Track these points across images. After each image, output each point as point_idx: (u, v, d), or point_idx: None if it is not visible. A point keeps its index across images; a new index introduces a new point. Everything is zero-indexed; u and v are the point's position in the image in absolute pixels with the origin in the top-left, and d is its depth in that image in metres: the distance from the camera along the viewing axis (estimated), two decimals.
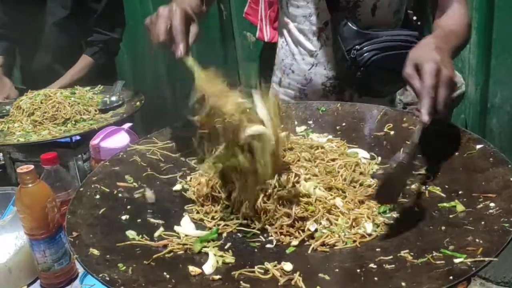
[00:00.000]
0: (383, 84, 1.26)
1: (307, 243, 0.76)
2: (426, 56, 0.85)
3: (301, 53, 1.32)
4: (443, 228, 0.73)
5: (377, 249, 0.72)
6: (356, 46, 1.18)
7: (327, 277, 0.66)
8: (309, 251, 0.74)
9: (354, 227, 0.78)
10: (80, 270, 1.05)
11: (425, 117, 0.79)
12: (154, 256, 0.73)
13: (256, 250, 0.76)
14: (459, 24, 1.11)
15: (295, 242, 0.76)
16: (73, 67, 1.96)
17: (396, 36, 1.20)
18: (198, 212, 0.87)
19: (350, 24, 1.19)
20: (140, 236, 0.79)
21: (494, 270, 2.18)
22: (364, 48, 1.18)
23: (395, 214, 0.80)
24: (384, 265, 0.67)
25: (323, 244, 0.75)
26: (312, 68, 1.30)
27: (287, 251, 0.75)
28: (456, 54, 0.98)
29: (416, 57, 0.86)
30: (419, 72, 0.83)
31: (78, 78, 1.91)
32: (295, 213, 0.78)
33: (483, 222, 0.71)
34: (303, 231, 0.77)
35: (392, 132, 1.05)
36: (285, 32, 1.36)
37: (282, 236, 0.77)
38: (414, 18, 1.29)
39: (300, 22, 1.29)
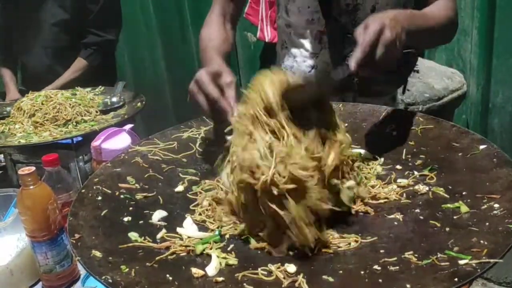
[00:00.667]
0: (382, 86, 1.26)
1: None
2: (376, 19, 0.89)
3: (301, 55, 1.32)
4: (447, 229, 0.73)
5: (381, 251, 0.72)
6: (351, 53, 1.18)
7: (330, 279, 0.66)
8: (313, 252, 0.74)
9: None
10: (82, 272, 1.05)
11: (352, 65, 0.84)
12: (156, 258, 0.72)
13: (259, 251, 0.76)
14: (434, 13, 1.10)
15: None
16: (68, 70, 1.96)
17: None
18: (200, 214, 0.87)
19: (347, 34, 1.19)
20: (143, 237, 0.78)
21: (496, 271, 2.18)
22: None
23: (398, 216, 0.80)
24: (388, 266, 0.67)
25: (326, 246, 0.74)
26: (313, 70, 1.30)
27: (291, 253, 0.74)
28: (417, 35, 0.99)
29: (369, 19, 0.90)
30: (366, 30, 0.87)
31: (71, 80, 1.91)
32: None
33: (487, 223, 0.70)
34: None
35: (394, 133, 1.04)
36: (285, 34, 1.35)
37: None
38: None
39: (301, 26, 1.29)
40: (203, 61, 1.14)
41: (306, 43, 1.30)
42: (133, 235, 0.78)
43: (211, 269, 0.70)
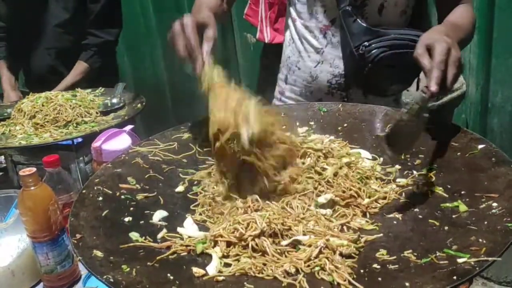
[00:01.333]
0: (390, 83, 1.26)
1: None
2: (437, 38, 0.90)
3: (307, 51, 1.32)
4: (446, 228, 0.73)
5: (380, 250, 0.72)
6: (365, 43, 1.18)
7: (330, 278, 0.66)
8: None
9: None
10: (83, 272, 1.05)
11: (434, 87, 0.83)
12: (157, 258, 0.73)
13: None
14: (464, 22, 1.15)
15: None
16: (70, 73, 1.96)
17: (405, 35, 1.20)
18: (201, 214, 0.87)
19: (359, 21, 1.19)
20: (143, 237, 0.79)
21: (496, 270, 2.18)
22: (373, 45, 1.18)
23: (398, 215, 0.80)
24: (387, 265, 0.67)
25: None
26: (318, 65, 1.30)
27: None
28: (460, 46, 0.99)
29: (427, 39, 0.91)
30: (430, 52, 0.88)
31: (73, 83, 1.91)
32: None
33: (486, 222, 0.71)
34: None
35: None
36: (291, 29, 1.36)
37: None
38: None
39: (306, 19, 1.30)
40: (194, 10, 1.13)
41: (312, 38, 1.30)
42: (134, 235, 0.79)
43: (212, 269, 0.71)
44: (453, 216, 0.76)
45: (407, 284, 0.62)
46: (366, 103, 1.15)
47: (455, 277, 0.60)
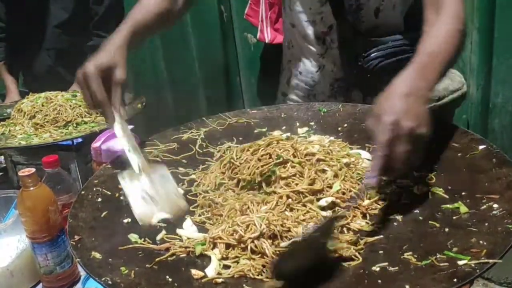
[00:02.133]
0: None
1: None
2: (386, 106, 0.76)
3: (307, 56, 1.31)
4: (446, 229, 0.73)
5: (380, 251, 0.72)
6: (363, 54, 1.18)
7: (330, 280, 0.66)
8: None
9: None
10: (82, 273, 1.05)
11: (368, 180, 0.73)
12: (156, 260, 0.73)
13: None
14: (448, 36, 0.92)
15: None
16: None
17: (402, 40, 1.20)
18: (200, 215, 0.87)
19: (355, 32, 1.19)
20: (142, 239, 0.78)
21: (496, 271, 2.17)
22: (372, 55, 1.18)
23: (398, 216, 0.80)
24: (387, 267, 0.67)
25: None
26: (319, 70, 1.30)
27: None
28: (444, 73, 0.88)
29: (378, 107, 0.78)
30: (378, 126, 0.75)
31: None
32: None
33: (486, 224, 0.71)
34: None
35: None
36: (290, 35, 1.35)
37: None
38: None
39: (304, 27, 1.29)
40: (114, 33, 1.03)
41: (310, 44, 1.30)
42: (133, 236, 0.79)
43: (211, 271, 0.70)
44: (454, 217, 0.75)
45: (407, 286, 0.61)
46: (369, 103, 1.15)
47: (455, 280, 0.60)
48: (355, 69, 1.21)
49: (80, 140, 1.40)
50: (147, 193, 0.86)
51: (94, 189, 0.90)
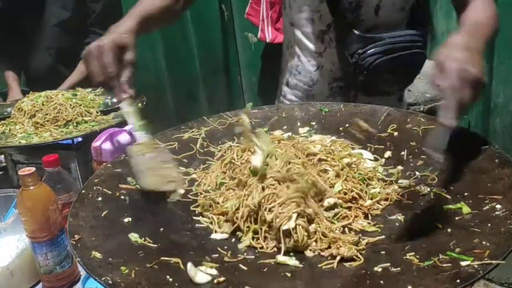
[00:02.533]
0: (389, 85, 1.25)
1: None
2: (450, 55, 0.81)
3: (306, 55, 1.31)
4: (449, 230, 0.72)
5: (382, 252, 0.71)
6: (359, 51, 1.17)
7: (332, 280, 0.66)
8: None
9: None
10: (82, 273, 1.04)
11: (450, 122, 0.75)
12: (157, 260, 0.72)
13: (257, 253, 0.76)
14: (485, 16, 1.06)
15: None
16: (74, 72, 1.95)
17: (400, 37, 1.19)
18: (203, 215, 0.86)
19: (353, 30, 1.18)
20: (143, 238, 0.78)
21: (498, 271, 2.16)
22: (367, 52, 1.17)
23: (400, 217, 0.80)
24: (389, 268, 0.66)
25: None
26: (318, 69, 1.29)
27: (291, 254, 0.74)
28: (485, 47, 0.93)
29: (440, 57, 0.82)
30: (443, 73, 0.79)
31: (77, 82, 1.90)
32: None
33: (489, 224, 0.70)
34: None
35: (396, 133, 1.04)
36: (289, 34, 1.35)
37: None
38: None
39: (303, 25, 1.28)
40: (119, 23, 1.04)
41: (309, 43, 1.29)
42: (133, 236, 0.78)
43: (212, 270, 0.70)
44: (456, 218, 0.75)
45: (409, 287, 0.61)
46: (369, 103, 1.15)
47: (458, 280, 0.59)
48: (352, 67, 1.20)
49: (80, 139, 1.39)
50: (148, 166, 0.92)
51: (95, 188, 0.89)
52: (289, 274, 0.69)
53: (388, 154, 1.00)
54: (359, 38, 1.19)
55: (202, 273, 0.68)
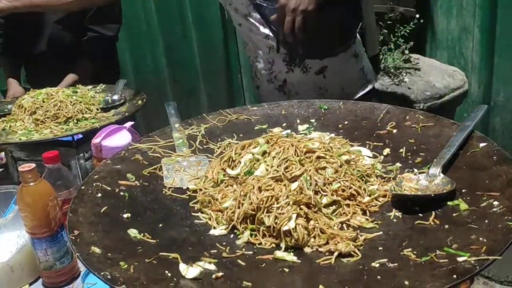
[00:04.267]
0: (319, 46, 1.34)
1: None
2: None
3: (258, 46, 1.43)
4: (446, 226, 0.73)
5: (379, 248, 0.72)
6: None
7: (329, 276, 0.66)
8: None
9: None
10: (82, 269, 1.05)
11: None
12: (155, 255, 0.72)
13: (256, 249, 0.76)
14: None
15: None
16: (71, 72, 1.96)
17: None
18: (202, 211, 0.87)
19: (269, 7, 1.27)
20: (142, 234, 0.78)
21: (497, 269, 2.17)
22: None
23: (398, 213, 0.80)
24: (387, 263, 0.67)
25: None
26: (270, 51, 1.41)
27: (289, 250, 0.75)
28: None
29: None
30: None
31: (76, 79, 1.90)
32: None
33: (486, 221, 0.70)
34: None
35: (395, 131, 1.04)
36: (241, 35, 1.52)
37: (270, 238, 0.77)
38: None
39: (248, 11, 1.40)
40: None
41: (256, 27, 1.39)
42: (132, 231, 0.79)
43: (211, 265, 0.70)
44: (454, 214, 0.75)
45: (406, 282, 0.61)
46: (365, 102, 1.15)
47: (455, 276, 0.60)
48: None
49: (80, 136, 1.40)
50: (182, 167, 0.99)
51: (94, 184, 0.90)
52: (287, 270, 0.69)
53: (386, 151, 1.00)
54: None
55: (192, 268, 0.68)
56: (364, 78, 1.50)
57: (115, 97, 1.60)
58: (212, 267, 0.70)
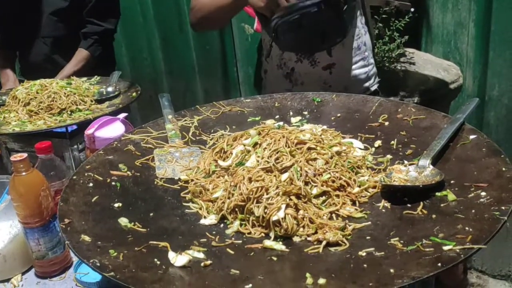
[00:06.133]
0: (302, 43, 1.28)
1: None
2: None
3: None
4: (433, 216, 0.73)
5: (367, 237, 0.72)
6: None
7: (317, 264, 0.67)
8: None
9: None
10: (75, 258, 1.05)
11: None
12: (145, 244, 0.73)
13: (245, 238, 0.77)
14: None
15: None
16: (71, 61, 1.95)
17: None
18: (193, 201, 0.87)
19: None
20: (132, 223, 0.79)
21: (490, 263, 2.19)
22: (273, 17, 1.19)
23: (386, 203, 0.80)
24: (373, 252, 0.67)
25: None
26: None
27: (278, 240, 0.75)
28: None
29: None
30: None
31: (75, 71, 1.90)
32: None
33: (473, 211, 0.71)
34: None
35: (386, 123, 1.05)
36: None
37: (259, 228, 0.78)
38: None
39: None
40: None
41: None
42: (122, 220, 0.79)
43: (200, 253, 0.71)
44: (441, 205, 0.76)
45: (391, 270, 0.62)
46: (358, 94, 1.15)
47: (439, 264, 0.60)
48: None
49: (74, 127, 1.40)
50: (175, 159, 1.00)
51: (86, 174, 0.90)
52: (275, 258, 0.70)
53: (378, 143, 1.01)
54: None
55: (181, 256, 0.69)
56: (367, 81, 1.51)
57: (110, 89, 1.60)
58: (201, 255, 0.71)
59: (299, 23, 1.17)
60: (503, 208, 0.68)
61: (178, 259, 0.68)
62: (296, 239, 0.75)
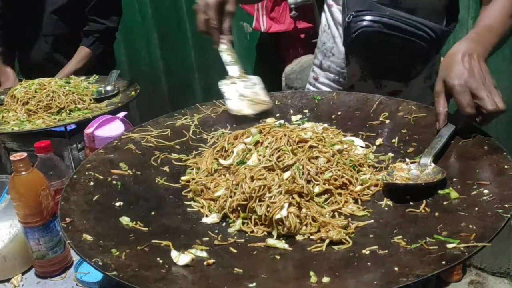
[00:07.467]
0: (378, 62, 1.21)
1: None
2: (452, 71, 0.90)
3: (341, 36, 1.27)
4: (436, 214, 0.73)
5: (370, 236, 0.72)
6: (353, 12, 1.14)
7: (320, 262, 0.66)
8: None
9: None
10: (75, 258, 1.05)
11: (469, 109, 0.87)
12: (147, 243, 0.72)
13: (247, 237, 0.76)
14: (501, 16, 1.04)
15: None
16: (72, 59, 1.95)
17: (404, 18, 1.12)
18: (194, 200, 0.87)
19: None
20: (134, 222, 0.78)
21: (489, 261, 2.19)
22: (361, 16, 1.13)
23: (389, 201, 0.80)
24: (377, 250, 0.67)
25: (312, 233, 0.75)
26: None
27: (281, 238, 0.75)
28: (496, 49, 1.00)
29: (443, 73, 0.91)
30: (447, 89, 0.90)
31: (77, 69, 1.90)
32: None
33: (476, 208, 0.71)
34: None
35: (387, 121, 1.05)
36: (327, 14, 1.32)
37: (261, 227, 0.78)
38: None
39: (336, 9, 1.27)
40: None
41: (341, 27, 1.24)
42: (124, 219, 0.79)
43: (203, 252, 0.70)
44: (444, 202, 0.76)
45: (396, 268, 0.61)
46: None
47: (444, 262, 0.60)
48: (343, 32, 1.19)
49: (73, 126, 1.39)
50: (240, 93, 1.07)
51: (86, 173, 0.89)
52: (278, 257, 0.70)
53: (379, 141, 1.00)
54: (360, 1, 1.15)
55: (184, 255, 0.69)
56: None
57: (108, 87, 1.60)
58: (203, 254, 0.70)
59: None
60: (506, 205, 0.68)
61: (181, 258, 0.68)
62: (299, 237, 0.75)
